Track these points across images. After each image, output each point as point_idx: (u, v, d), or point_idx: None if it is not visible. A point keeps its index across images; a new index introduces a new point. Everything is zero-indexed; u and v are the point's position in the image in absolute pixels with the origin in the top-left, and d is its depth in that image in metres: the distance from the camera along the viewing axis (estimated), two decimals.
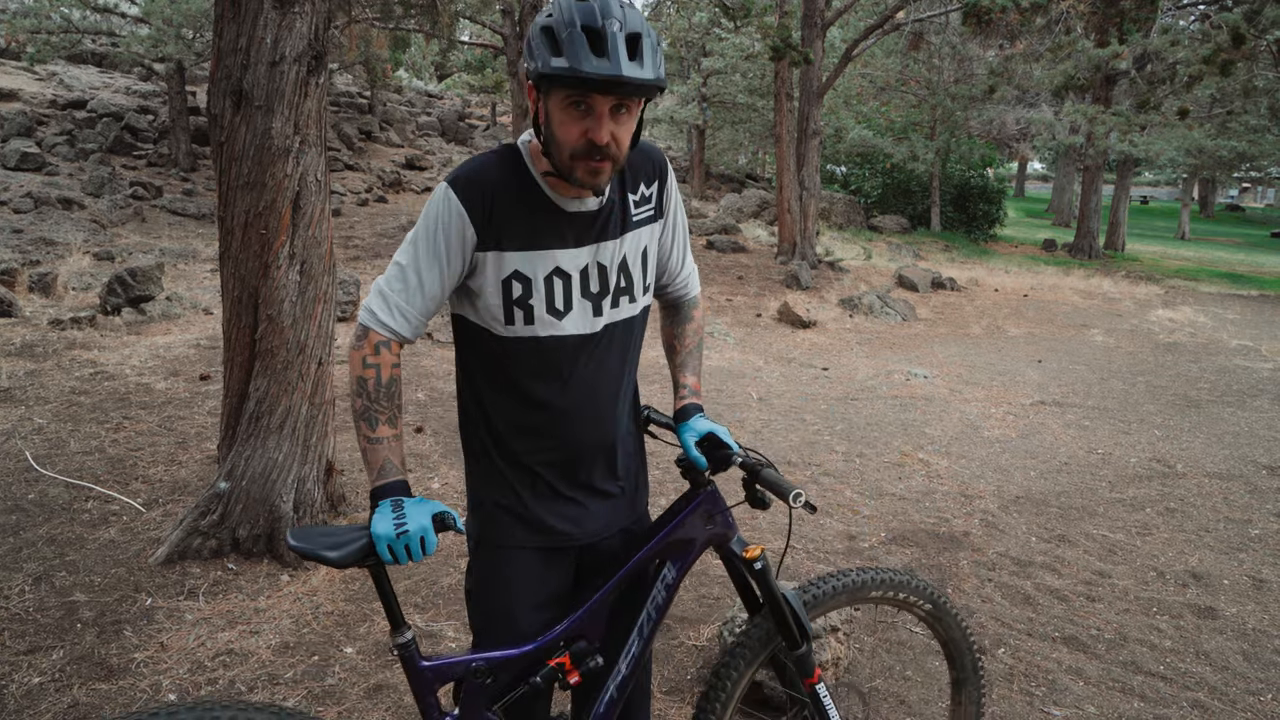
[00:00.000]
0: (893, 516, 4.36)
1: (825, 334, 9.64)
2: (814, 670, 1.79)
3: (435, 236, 1.48)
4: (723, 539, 1.73)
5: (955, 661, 2.07)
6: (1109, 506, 4.66)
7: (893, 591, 1.89)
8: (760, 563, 1.71)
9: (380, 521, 1.41)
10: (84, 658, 2.74)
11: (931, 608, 1.96)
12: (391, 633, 1.50)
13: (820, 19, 12.67)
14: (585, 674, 1.59)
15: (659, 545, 1.66)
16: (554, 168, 1.45)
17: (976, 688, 2.08)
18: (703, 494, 1.70)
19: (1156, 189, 55.14)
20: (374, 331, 1.51)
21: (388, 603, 1.48)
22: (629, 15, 1.34)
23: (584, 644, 1.60)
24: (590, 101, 1.36)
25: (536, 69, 1.36)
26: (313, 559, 1.40)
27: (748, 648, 1.75)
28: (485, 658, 1.54)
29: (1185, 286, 16.25)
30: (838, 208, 21.09)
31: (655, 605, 1.68)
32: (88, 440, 4.65)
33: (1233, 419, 6.65)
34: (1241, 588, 3.72)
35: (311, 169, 3.47)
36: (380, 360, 1.50)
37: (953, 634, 2.03)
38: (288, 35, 3.30)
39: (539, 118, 1.44)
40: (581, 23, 1.32)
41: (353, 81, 22.94)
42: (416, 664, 1.50)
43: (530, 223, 1.49)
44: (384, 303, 1.51)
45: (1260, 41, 13.79)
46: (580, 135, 1.38)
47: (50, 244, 9.71)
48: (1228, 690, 2.92)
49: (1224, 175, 35.45)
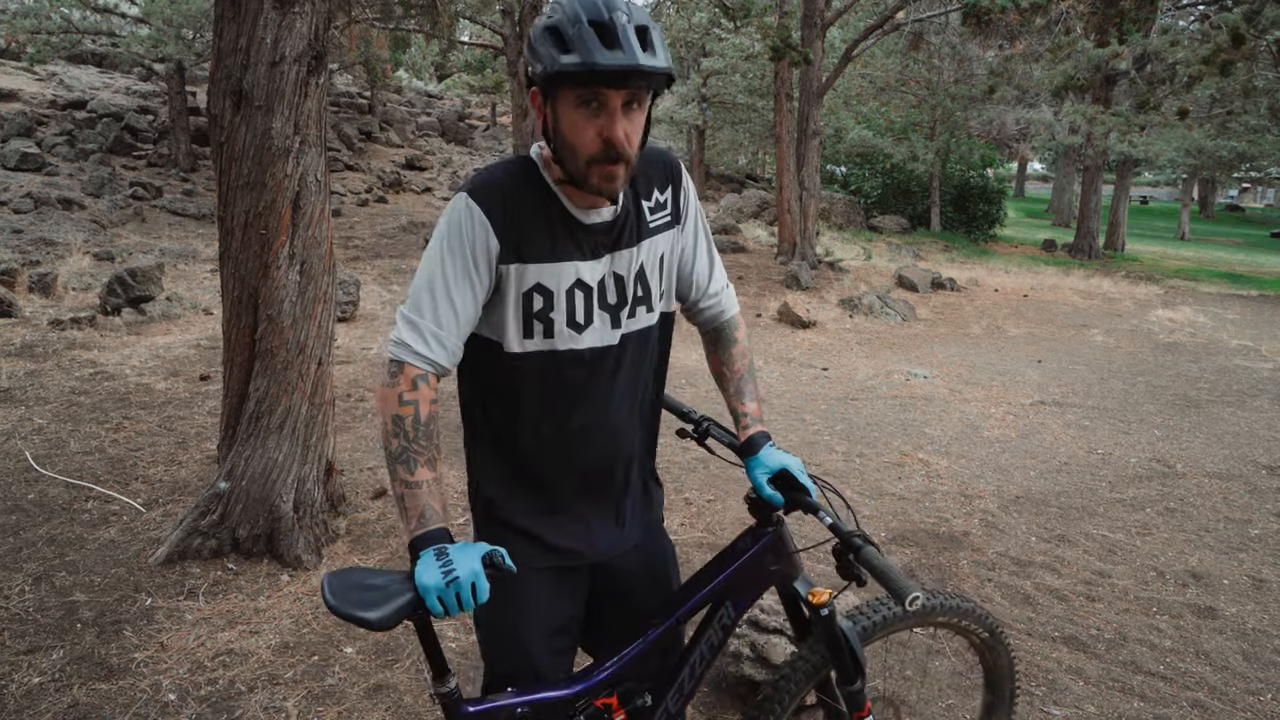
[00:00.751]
0: (893, 516, 4.36)
1: (825, 334, 9.64)
2: (865, 704, 1.72)
3: (462, 251, 1.39)
4: (786, 579, 1.64)
5: (994, 689, 2.06)
6: (1109, 506, 4.66)
7: (956, 618, 1.84)
8: (828, 610, 1.60)
9: (425, 572, 1.30)
10: (84, 658, 2.74)
11: (988, 636, 1.92)
12: (434, 681, 1.43)
13: (820, 19, 12.68)
14: (632, 713, 1.55)
15: (721, 584, 1.58)
16: (568, 175, 1.41)
17: (1007, 715, 2.09)
18: (771, 533, 1.61)
19: (1156, 189, 55.14)
20: (409, 365, 1.39)
21: (432, 654, 1.41)
22: (633, 9, 1.33)
23: (632, 684, 1.55)
24: (602, 97, 1.33)
25: (544, 71, 1.32)
26: (352, 622, 1.30)
27: (802, 670, 1.70)
28: (530, 700, 1.47)
29: (1185, 286, 16.25)
30: (838, 208, 21.09)
31: (710, 645, 1.61)
32: (88, 440, 4.65)
33: (1232, 419, 6.65)
34: (1241, 587, 3.72)
35: (311, 169, 3.47)
36: (418, 396, 1.39)
37: (1000, 662, 2.00)
38: (288, 35, 3.30)
39: (547, 125, 1.40)
40: (588, 17, 1.29)
41: (353, 82, 22.95)
42: (461, 711, 1.43)
43: (550, 233, 1.45)
44: (416, 332, 1.40)
45: (1260, 42, 13.79)
46: (595, 136, 1.35)
47: (50, 244, 9.71)
48: (1227, 690, 2.92)
49: (1224, 175, 35.45)
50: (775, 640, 2.63)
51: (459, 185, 1.43)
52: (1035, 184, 55.76)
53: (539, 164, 1.47)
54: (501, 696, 1.48)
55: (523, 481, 1.55)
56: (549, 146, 1.43)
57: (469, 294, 1.41)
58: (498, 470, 1.56)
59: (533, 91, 1.40)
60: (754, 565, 1.59)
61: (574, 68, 1.28)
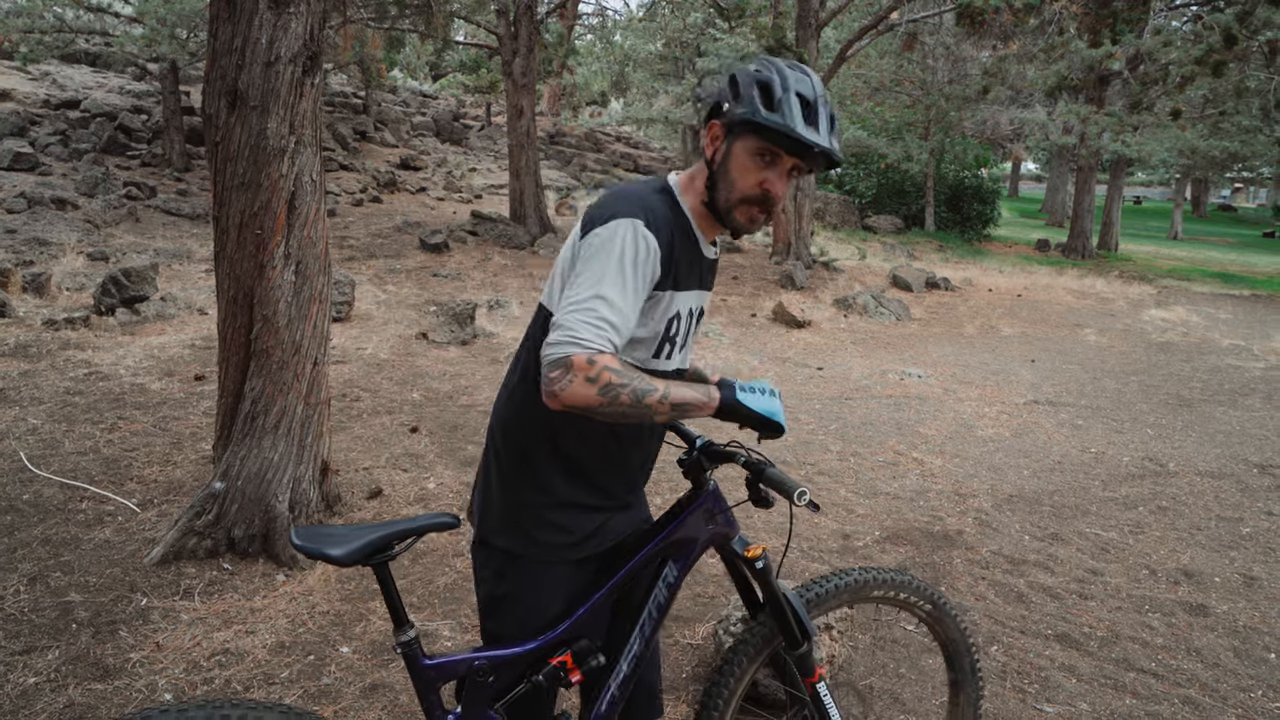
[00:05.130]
0: (887, 515, 4.38)
1: (820, 334, 9.66)
2: (815, 669, 1.82)
3: (637, 273, 1.42)
4: (724, 538, 1.74)
5: (954, 662, 2.09)
6: (1102, 505, 4.69)
7: (894, 591, 1.91)
8: (762, 562, 1.73)
9: (776, 402, 1.51)
10: (79, 658, 2.74)
11: (931, 608, 1.98)
12: (395, 631, 1.51)
13: (814, 19, 12.70)
14: (587, 672, 1.60)
15: (661, 544, 1.66)
16: (713, 206, 1.53)
17: (975, 689, 2.10)
18: (705, 494, 1.71)
19: (1149, 189, 55.31)
20: (580, 353, 1.35)
21: (392, 601, 1.49)
22: (828, 99, 1.50)
23: (586, 643, 1.61)
24: (779, 157, 1.48)
25: (744, 114, 1.46)
26: (319, 558, 1.41)
27: (750, 646, 1.78)
28: (488, 656, 1.55)
29: (1178, 286, 16.32)
30: (832, 208, 21.13)
31: (657, 604, 1.69)
32: (82, 441, 4.65)
33: (1225, 418, 6.68)
34: (1233, 585, 3.75)
35: (306, 169, 3.47)
36: (600, 361, 1.35)
37: (952, 634, 2.04)
38: (283, 36, 3.30)
39: (715, 155, 1.52)
40: (797, 90, 1.46)
41: (347, 82, 22.91)
42: (419, 662, 1.51)
43: (689, 262, 1.56)
44: (595, 332, 1.37)
45: (1252, 42, 13.85)
46: (756, 183, 1.49)
47: (44, 244, 9.68)
48: (1219, 687, 2.94)
49: (1216, 175, 35.61)
50: None
51: (610, 210, 1.45)
52: (1029, 184, 55.90)
53: (676, 191, 1.57)
54: (460, 652, 1.56)
55: (575, 484, 1.61)
56: (708, 172, 1.54)
57: (635, 312, 1.44)
58: (548, 473, 1.60)
59: (714, 124, 1.53)
60: (691, 525, 1.68)
61: (777, 125, 1.44)
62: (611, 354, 1.37)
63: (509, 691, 1.58)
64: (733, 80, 1.51)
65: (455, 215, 15.17)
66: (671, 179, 1.59)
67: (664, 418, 1.41)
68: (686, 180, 1.58)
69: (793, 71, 1.49)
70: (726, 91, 1.50)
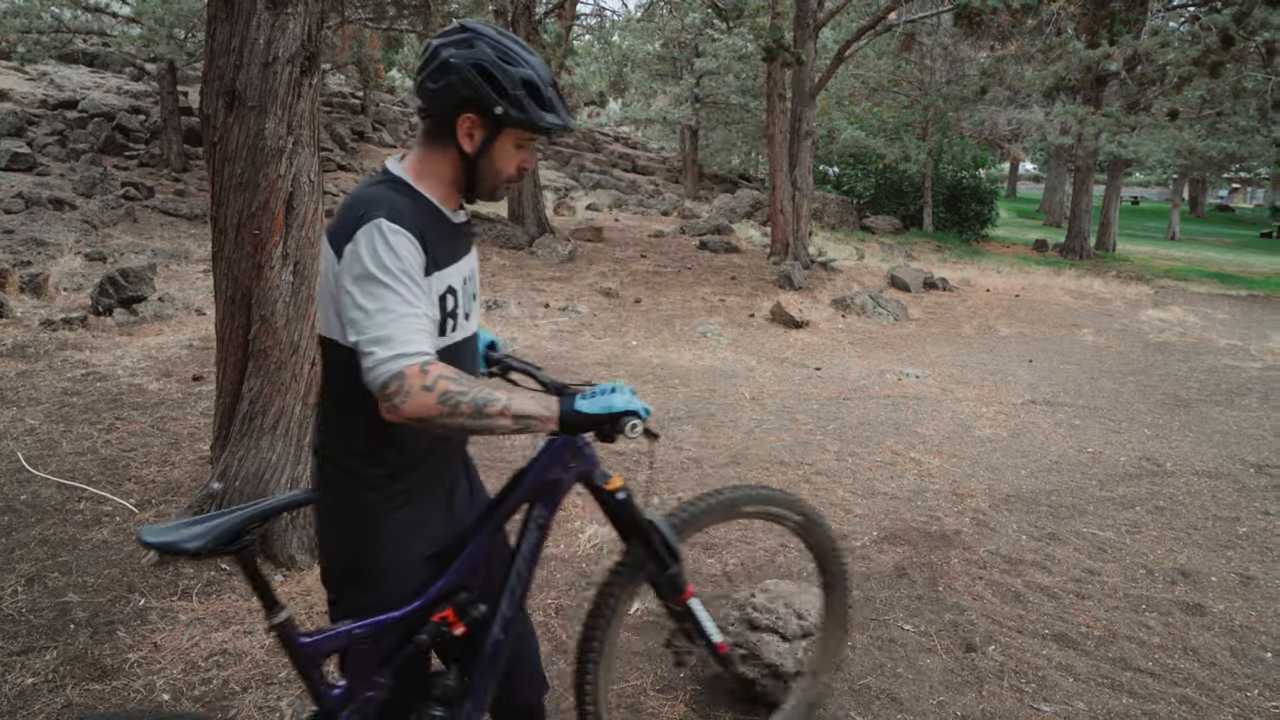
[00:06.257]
0: (884, 515, 4.39)
1: (818, 334, 9.67)
2: (686, 587, 1.90)
3: (405, 268, 1.44)
4: (587, 475, 1.79)
5: (824, 566, 2.25)
6: (1099, 505, 4.70)
7: (764, 505, 2.03)
8: (623, 493, 1.80)
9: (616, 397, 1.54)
10: (77, 658, 2.74)
11: (800, 518, 2.11)
12: (266, 615, 1.50)
13: (812, 20, 12.71)
14: (470, 623, 1.63)
15: (528, 488, 1.71)
16: (476, 190, 1.60)
17: (844, 588, 2.29)
18: (562, 435, 1.74)
19: (1147, 189, 55.38)
20: (410, 364, 1.38)
21: (260, 586, 1.49)
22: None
23: (466, 595, 1.64)
24: (533, 141, 1.60)
25: (523, 119, 1.52)
26: (171, 552, 1.39)
27: (623, 573, 1.87)
28: (368, 624, 1.55)
29: (1175, 286, 16.35)
30: (830, 208, 21.13)
31: (530, 546, 1.73)
32: (80, 441, 4.64)
33: (1221, 418, 6.70)
34: (1229, 585, 3.76)
35: (305, 169, 3.47)
36: (435, 371, 1.40)
37: (820, 541, 2.19)
38: (281, 36, 3.30)
39: (474, 148, 1.55)
40: (549, 80, 1.54)
41: (345, 82, 22.91)
42: (295, 642, 1.51)
43: (444, 237, 1.57)
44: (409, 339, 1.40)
45: (1249, 43, 13.87)
46: (516, 167, 1.61)
47: (41, 244, 9.67)
48: (1215, 686, 2.95)
49: (1214, 176, 35.65)
50: (768, 638, 2.64)
51: (352, 220, 1.45)
52: (1027, 184, 55.95)
53: (408, 180, 1.57)
54: (337, 625, 1.55)
55: (415, 476, 1.63)
56: (461, 162, 1.57)
57: (427, 304, 1.49)
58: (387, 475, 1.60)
59: (472, 117, 1.53)
60: (554, 464, 1.72)
61: (555, 127, 1.54)
62: (437, 361, 1.42)
63: (393, 655, 1.59)
64: (488, 76, 1.50)
65: None
66: (395, 169, 1.57)
67: (506, 430, 1.45)
68: (418, 168, 1.58)
69: (532, 56, 1.54)
70: (485, 88, 1.50)
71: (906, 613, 3.37)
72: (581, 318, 9.39)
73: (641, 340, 8.65)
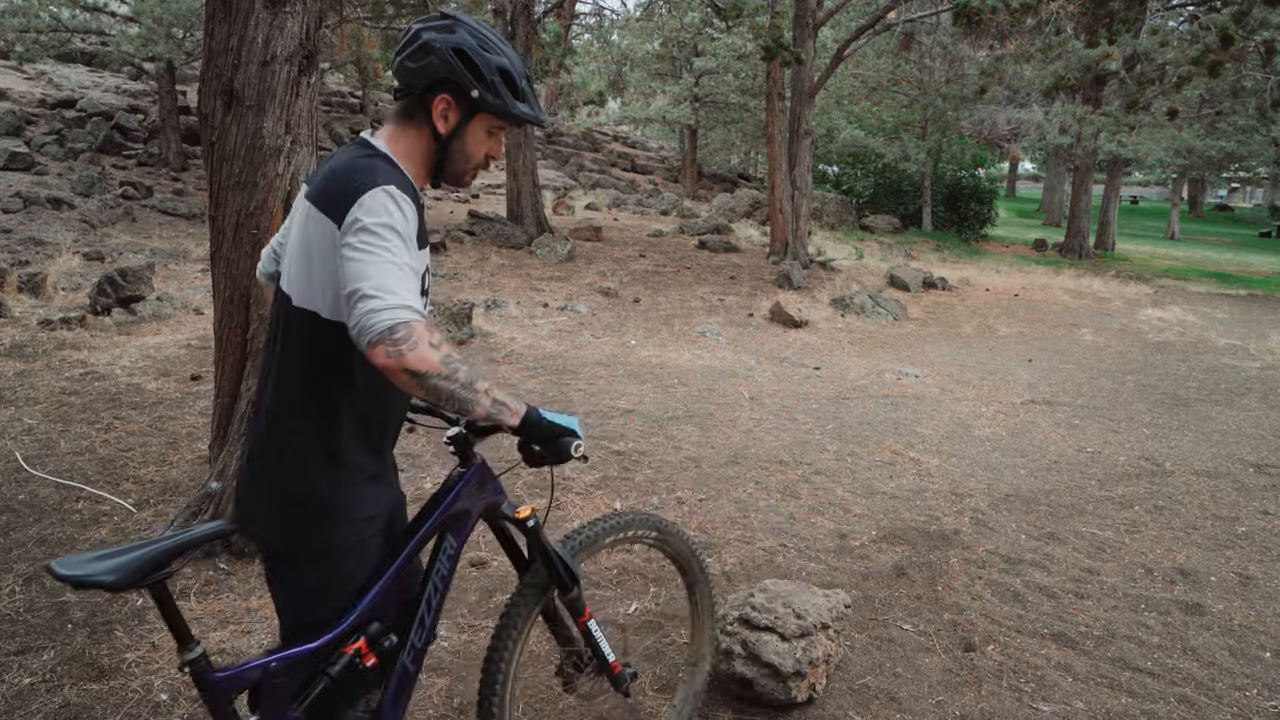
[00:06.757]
0: (884, 515, 4.38)
1: (817, 333, 9.67)
2: (585, 609, 2.01)
3: (410, 237, 1.47)
4: (495, 506, 1.86)
5: (686, 570, 2.38)
6: (1098, 504, 4.69)
7: (632, 530, 2.14)
8: (533, 521, 1.88)
9: (573, 419, 1.66)
10: (75, 658, 2.73)
11: (656, 534, 2.23)
12: (179, 650, 1.46)
13: (812, 19, 12.70)
14: (381, 654, 1.63)
15: (439, 519, 1.74)
16: (444, 171, 1.63)
17: (706, 585, 2.42)
18: (474, 467, 1.81)
19: (1146, 189, 55.42)
20: (418, 319, 1.38)
21: (173, 620, 1.46)
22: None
23: (378, 625, 1.64)
24: (504, 130, 1.65)
25: (498, 106, 1.57)
26: (88, 586, 1.33)
27: (528, 596, 1.93)
28: (281, 656, 1.54)
29: (1174, 286, 16.36)
30: (830, 208, 21.14)
31: (440, 577, 1.76)
32: (78, 441, 4.64)
33: (1221, 417, 6.70)
34: (1228, 584, 3.76)
35: (303, 169, 3.47)
36: (438, 333, 1.42)
37: (679, 549, 2.32)
38: (279, 35, 3.30)
39: (447, 129, 1.58)
40: (524, 73, 1.60)
41: (344, 81, 22.89)
42: (209, 677, 1.47)
43: (422, 218, 1.60)
44: (416, 301, 1.42)
45: (1248, 42, 13.88)
46: (485, 154, 1.65)
47: (39, 244, 9.66)
48: (1214, 686, 2.94)
49: (1213, 175, 35.67)
50: (766, 638, 2.64)
51: (358, 182, 1.46)
52: (1026, 184, 55.96)
53: (393, 158, 1.57)
54: (251, 659, 1.54)
55: (368, 456, 1.64)
56: (434, 142, 1.59)
57: (421, 275, 1.53)
58: (344, 454, 1.60)
59: (447, 99, 1.56)
60: (465, 497, 1.78)
61: (527, 117, 1.60)
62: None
63: (305, 689, 1.57)
64: (467, 60, 1.54)
65: (452, 215, 15.16)
66: (380, 146, 1.57)
67: (482, 411, 1.49)
68: (398, 146, 1.59)
69: (509, 49, 1.60)
70: (463, 72, 1.53)
71: (905, 612, 3.37)
72: (580, 317, 9.39)
73: (640, 339, 8.65)
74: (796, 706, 2.65)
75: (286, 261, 1.60)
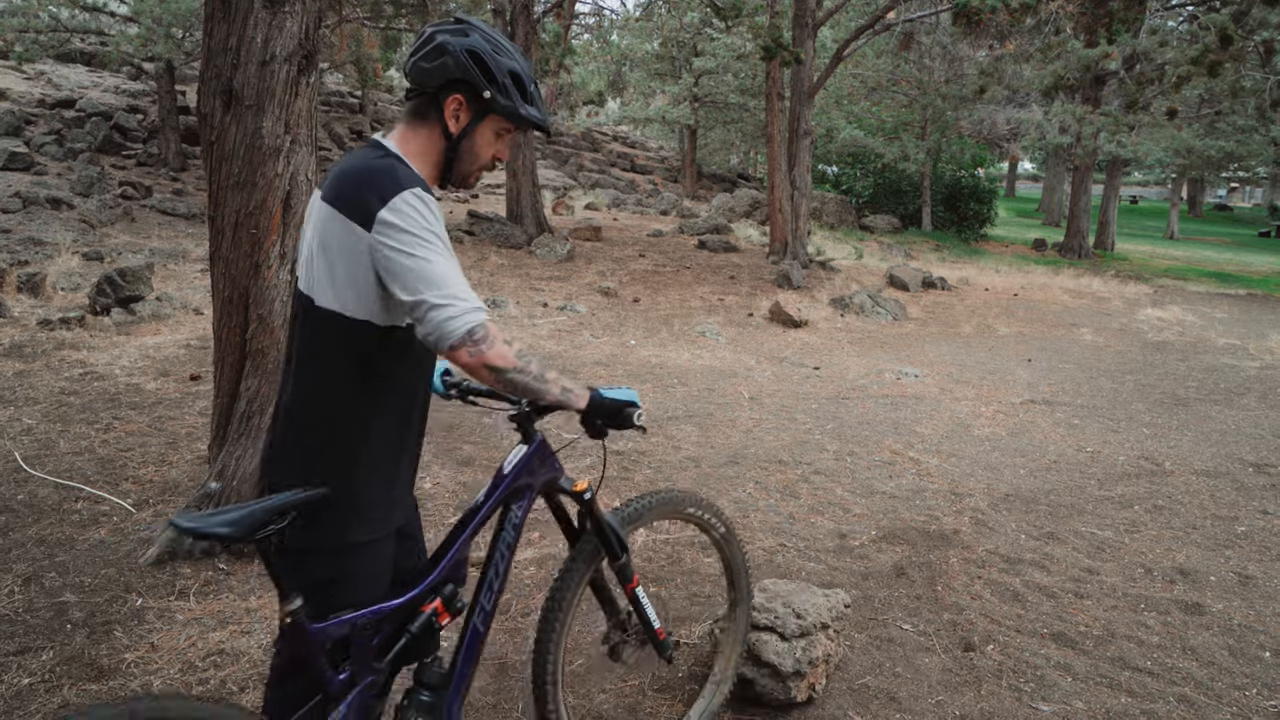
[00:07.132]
0: (883, 514, 4.38)
1: (816, 333, 9.67)
2: (633, 576, 2.13)
3: (445, 236, 1.52)
4: (554, 480, 1.98)
5: (734, 583, 2.47)
6: (1097, 504, 4.69)
7: (699, 511, 2.28)
8: (589, 493, 2.02)
9: (630, 391, 1.84)
10: (74, 658, 2.73)
11: (725, 531, 2.34)
12: (282, 603, 1.53)
13: (811, 19, 12.70)
14: (454, 614, 1.79)
15: (505, 492, 1.88)
16: (452, 172, 1.65)
17: (746, 606, 2.52)
18: (535, 443, 1.94)
19: (1146, 189, 55.43)
20: (488, 319, 1.51)
21: (275, 573, 1.55)
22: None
23: (452, 587, 1.78)
24: (512, 133, 1.69)
25: (509, 108, 1.61)
26: (207, 537, 1.43)
27: (580, 562, 2.06)
28: (369, 612, 1.64)
29: (1174, 285, 16.36)
30: (829, 207, 21.14)
31: (506, 544, 1.88)
32: (77, 441, 4.63)
33: (1220, 417, 6.70)
34: (1228, 584, 3.76)
35: (302, 168, 3.47)
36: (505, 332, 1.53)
37: (736, 559, 2.41)
38: (278, 35, 3.30)
39: (458, 129, 1.61)
40: (533, 79, 1.66)
41: (343, 81, 22.89)
42: (308, 629, 1.55)
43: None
44: (475, 298, 1.50)
45: (1248, 42, 13.89)
46: (492, 156, 1.69)
47: (39, 244, 9.65)
48: (1214, 685, 2.94)
49: (1212, 175, 35.69)
50: (766, 638, 2.64)
51: (384, 185, 1.49)
52: (1026, 183, 55.97)
53: (407, 160, 1.59)
54: (343, 614, 1.63)
55: (386, 457, 1.66)
56: (444, 141, 1.62)
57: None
58: (361, 456, 1.62)
59: (459, 99, 1.60)
60: (530, 470, 1.92)
61: (535, 119, 1.65)
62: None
63: (389, 646, 1.69)
64: (480, 61, 1.58)
65: (452, 214, 15.16)
66: (392, 147, 1.59)
67: (552, 398, 1.65)
68: (409, 146, 1.61)
69: (519, 54, 1.65)
70: (476, 73, 1.58)
71: (905, 612, 3.37)
72: (580, 317, 9.39)
73: (640, 339, 8.65)
74: (796, 706, 2.64)
75: (304, 264, 1.61)
